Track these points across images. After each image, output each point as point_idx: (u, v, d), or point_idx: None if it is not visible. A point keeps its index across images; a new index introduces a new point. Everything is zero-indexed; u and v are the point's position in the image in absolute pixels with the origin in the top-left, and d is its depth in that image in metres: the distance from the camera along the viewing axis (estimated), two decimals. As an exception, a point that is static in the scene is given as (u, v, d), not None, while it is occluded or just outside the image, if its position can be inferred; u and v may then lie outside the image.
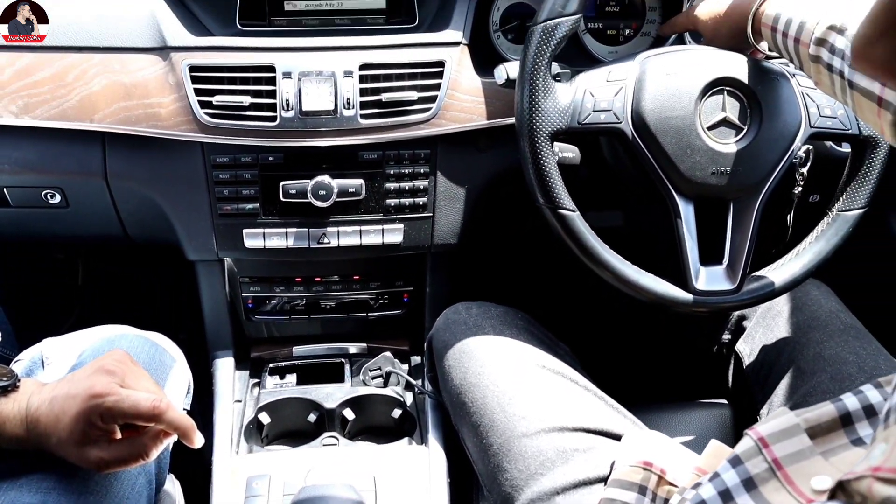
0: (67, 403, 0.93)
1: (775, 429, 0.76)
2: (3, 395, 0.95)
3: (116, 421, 0.94)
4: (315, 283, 1.54)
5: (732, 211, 1.26)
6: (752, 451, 0.77)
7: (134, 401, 0.94)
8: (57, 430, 0.92)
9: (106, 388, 0.93)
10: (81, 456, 0.92)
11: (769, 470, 0.74)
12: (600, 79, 1.25)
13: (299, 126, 1.33)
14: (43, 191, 1.41)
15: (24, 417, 0.94)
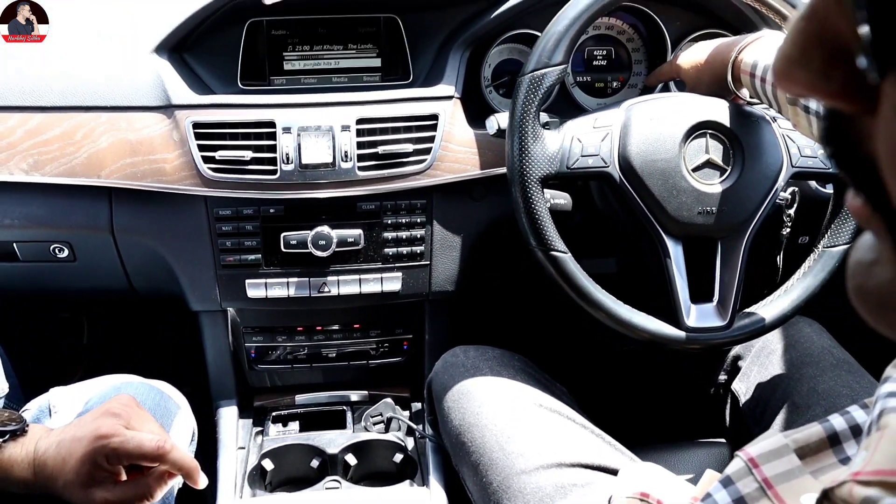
0: (74, 446, 0.95)
1: (765, 449, 0.78)
2: (12, 439, 0.98)
3: (122, 462, 0.96)
4: (316, 332, 1.57)
5: (721, 249, 1.30)
6: (742, 472, 0.78)
7: (139, 441, 0.96)
8: (63, 473, 0.94)
9: (111, 430, 0.95)
10: (87, 497, 0.94)
11: (760, 489, 0.76)
12: (587, 125, 1.29)
13: (299, 178, 1.37)
14: (51, 245, 1.45)
15: (32, 461, 0.96)
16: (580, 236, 1.34)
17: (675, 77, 1.45)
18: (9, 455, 0.96)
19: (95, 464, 0.94)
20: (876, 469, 0.53)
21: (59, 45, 1.42)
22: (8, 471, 0.96)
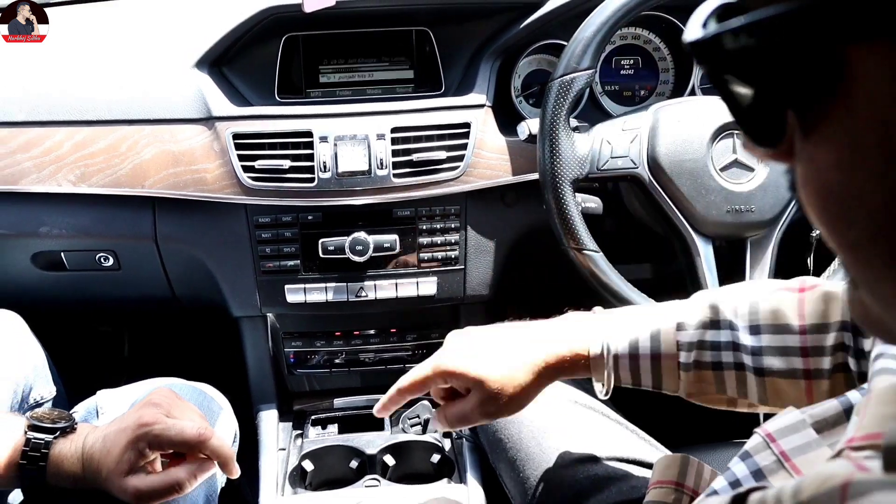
0: (118, 436, 0.98)
1: (782, 425, 0.80)
2: (62, 435, 1.01)
3: (163, 448, 0.99)
4: (354, 337, 1.60)
5: (750, 248, 1.33)
6: (760, 446, 0.80)
7: (180, 428, 0.99)
8: (107, 463, 0.97)
9: (153, 418, 0.98)
10: (121, 486, 0.96)
11: (777, 462, 0.77)
12: (616, 128, 1.33)
13: (336, 186, 1.41)
14: (97, 254, 1.49)
15: (81, 456, 0.99)
16: (613, 242, 1.36)
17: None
18: (59, 450, 0.99)
19: (137, 451, 0.96)
20: (866, 434, 0.53)
21: (103, 60, 1.47)
22: (58, 465, 0.99)
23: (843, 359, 0.87)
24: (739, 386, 0.95)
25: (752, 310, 0.93)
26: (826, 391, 0.89)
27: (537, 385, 1.04)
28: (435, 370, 1.05)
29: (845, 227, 0.40)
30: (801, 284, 0.92)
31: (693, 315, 0.97)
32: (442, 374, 1.05)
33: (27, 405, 1.35)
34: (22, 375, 1.33)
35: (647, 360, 0.98)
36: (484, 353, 1.04)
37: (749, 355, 0.92)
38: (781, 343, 0.90)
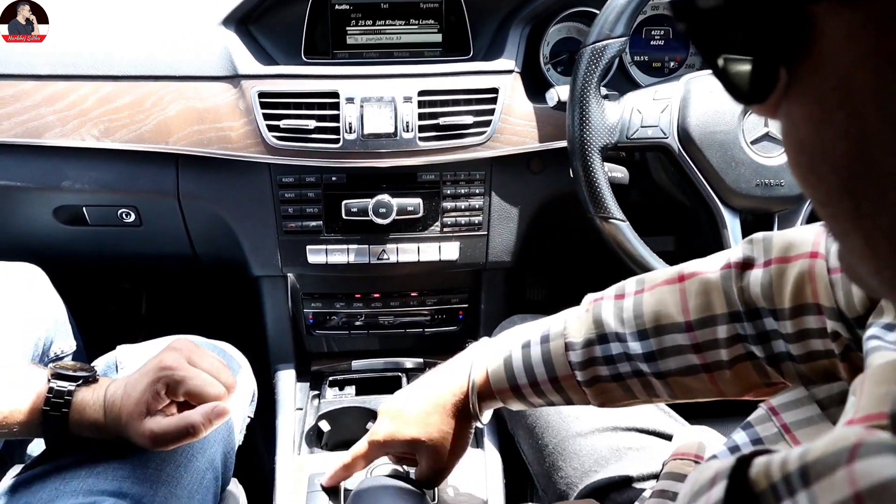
0: (139, 381, 0.98)
1: (786, 400, 0.80)
2: (85, 384, 1.01)
3: (178, 396, 0.98)
4: (374, 300, 1.60)
5: (777, 223, 1.32)
6: (762, 418, 0.80)
7: (202, 383, 0.99)
8: (127, 406, 0.97)
9: (175, 363, 0.99)
10: (138, 430, 0.97)
11: (778, 434, 0.77)
12: (647, 97, 1.31)
13: (361, 148, 1.40)
14: (119, 209, 1.49)
15: (103, 403, 1.00)
16: (638, 213, 1.35)
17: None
18: (81, 398, 1.00)
19: (155, 392, 0.96)
20: (864, 415, 0.52)
21: (129, 16, 1.46)
22: (81, 413, 0.99)
23: (744, 349, 0.85)
24: (646, 390, 0.94)
25: (636, 313, 0.91)
26: (730, 379, 0.87)
27: (462, 426, 1.05)
28: (370, 445, 1.09)
29: (816, 181, 0.42)
30: (679, 272, 0.90)
31: (578, 332, 0.95)
32: (378, 446, 1.09)
33: (47, 358, 1.36)
34: (43, 329, 1.33)
35: (548, 384, 0.97)
36: (409, 414, 1.06)
37: (644, 362, 0.90)
38: (672, 343, 0.88)
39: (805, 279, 0.78)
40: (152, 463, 1.04)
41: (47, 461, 1.04)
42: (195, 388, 0.99)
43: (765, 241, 0.84)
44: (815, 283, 0.78)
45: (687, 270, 0.90)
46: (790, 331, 0.80)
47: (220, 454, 1.16)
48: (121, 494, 1.00)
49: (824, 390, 0.79)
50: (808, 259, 0.79)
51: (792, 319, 0.79)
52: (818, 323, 0.78)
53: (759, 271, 0.82)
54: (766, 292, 0.81)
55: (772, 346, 0.83)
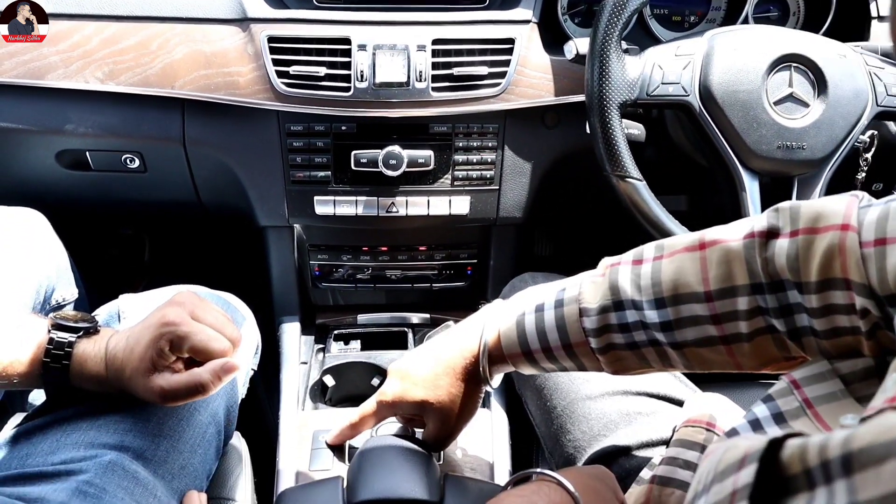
0: (142, 335, 0.96)
1: (808, 373, 0.77)
2: (86, 336, 0.99)
3: (183, 351, 0.96)
4: (381, 253, 1.57)
5: (797, 187, 1.28)
6: (784, 391, 0.78)
7: (206, 338, 0.96)
8: (131, 361, 0.95)
9: (177, 318, 0.96)
10: (146, 386, 0.95)
11: (800, 408, 0.75)
12: (669, 53, 1.27)
13: (372, 97, 1.36)
14: (123, 155, 1.46)
15: (104, 356, 0.98)
16: (652, 170, 1.32)
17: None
18: (82, 350, 0.98)
19: (158, 349, 0.94)
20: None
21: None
22: (82, 365, 0.97)
23: (765, 322, 0.82)
24: (661, 360, 0.91)
25: (654, 281, 0.88)
26: (748, 352, 0.85)
27: (472, 389, 1.04)
28: (378, 405, 1.09)
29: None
30: (700, 239, 0.86)
31: (594, 297, 0.92)
32: (386, 406, 1.08)
33: (49, 307, 1.34)
34: (45, 276, 1.31)
35: (561, 350, 0.95)
36: (418, 376, 1.05)
37: (660, 332, 0.88)
38: (690, 313, 0.85)
39: (834, 252, 0.75)
40: (154, 416, 1.03)
41: (48, 412, 1.02)
42: (199, 344, 0.96)
43: (791, 210, 0.81)
44: (845, 256, 0.74)
45: (708, 238, 0.86)
46: (815, 305, 0.77)
47: (222, 408, 1.15)
48: (122, 448, 0.98)
49: (848, 365, 0.77)
50: (839, 231, 0.75)
51: (818, 294, 0.76)
52: (845, 299, 0.75)
53: (784, 241, 0.79)
54: (792, 264, 0.78)
55: (794, 320, 0.81)
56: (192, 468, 1.06)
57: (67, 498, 0.91)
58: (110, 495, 0.94)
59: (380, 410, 1.10)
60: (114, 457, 0.96)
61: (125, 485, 0.96)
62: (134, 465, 0.98)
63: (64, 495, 0.91)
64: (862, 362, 0.76)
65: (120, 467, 0.96)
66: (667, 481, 0.98)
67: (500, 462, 1.23)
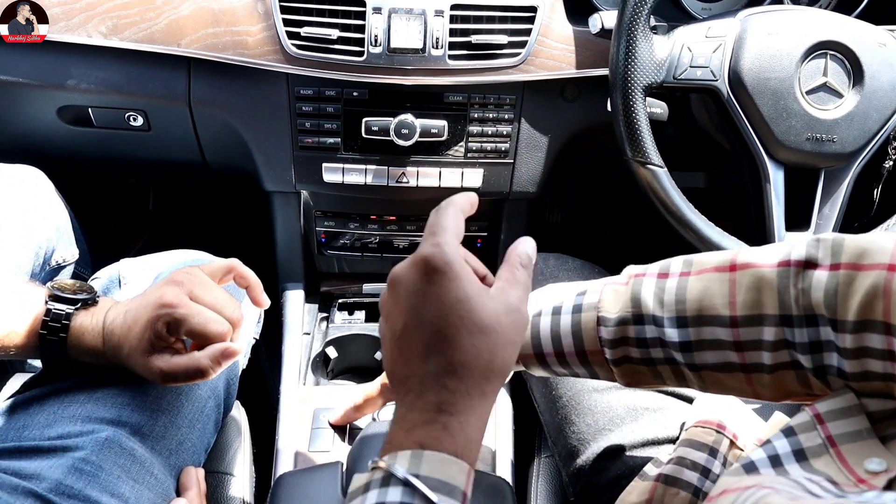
0: (139, 312, 0.94)
1: (834, 407, 0.74)
2: (84, 308, 0.97)
3: (180, 333, 0.95)
4: (389, 222, 1.54)
5: (823, 179, 1.24)
6: (807, 425, 0.74)
7: (204, 320, 0.94)
8: (129, 339, 0.94)
9: (175, 299, 0.94)
10: (146, 366, 0.94)
11: (822, 445, 0.72)
12: (699, 34, 1.21)
13: (386, 63, 1.31)
14: (126, 113, 1.41)
15: (101, 330, 0.96)
16: (672, 147, 1.27)
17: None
18: (80, 323, 0.96)
19: (156, 331, 0.93)
20: None
21: None
22: (79, 338, 0.96)
23: (789, 356, 0.78)
24: (677, 378, 0.88)
25: (678, 298, 0.83)
26: (769, 384, 0.81)
27: None
28: (383, 388, 1.11)
29: None
30: (732, 261, 0.82)
31: (614, 306, 0.88)
32: (390, 390, 1.07)
33: (49, 267, 1.31)
34: (44, 237, 1.28)
35: (574, 357, 0.91)
36: None
37: (678, 351, 0.84)
38: (711, 336, 0.81)
39: (878, 293, 0.70)
40: (153, 390, 1.02)
41: (46, 383, 1.01)
42: (197, 327, 0.94)
43: (834, 242, 0.76)
44: (889, 299, 0.70)
45: (740, 260, 0.82)
46: (849, 346, 0.73)
47: (222, 381, 1.13)
48: (120, 423, 0.97)
49: (877, 403, 0.73)
50: (885, 271, 0.70)
51: (853, 334, 0.72)
52: (883, 343, 0.71)
53: (823, 274, 0.75)
54: (830, 300, 0.73)
55: (822, 358, 0.77)
56: (189, 443, 1.06)
57: (63, 475, 0.90)
58: (106, 473, 0.93)
59: (384, 393, 1.09)
60: (110, 433, 0.95)
61: (121, 462, 0.95)
62: (131, 441, 0.97)
63: (59, 472, 0.90)
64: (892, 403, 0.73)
65: (117, 444, 0.95)
66: (673, 481, 0.96)
67: (503, 450, 1.22)
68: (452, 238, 0.72)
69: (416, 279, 0.69)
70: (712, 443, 1.00)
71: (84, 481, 0.91)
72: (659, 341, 0.85)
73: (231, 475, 1.17)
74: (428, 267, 0.69)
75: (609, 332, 0.88)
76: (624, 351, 0.88)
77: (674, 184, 1.21)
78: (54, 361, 0.99)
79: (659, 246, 1.65)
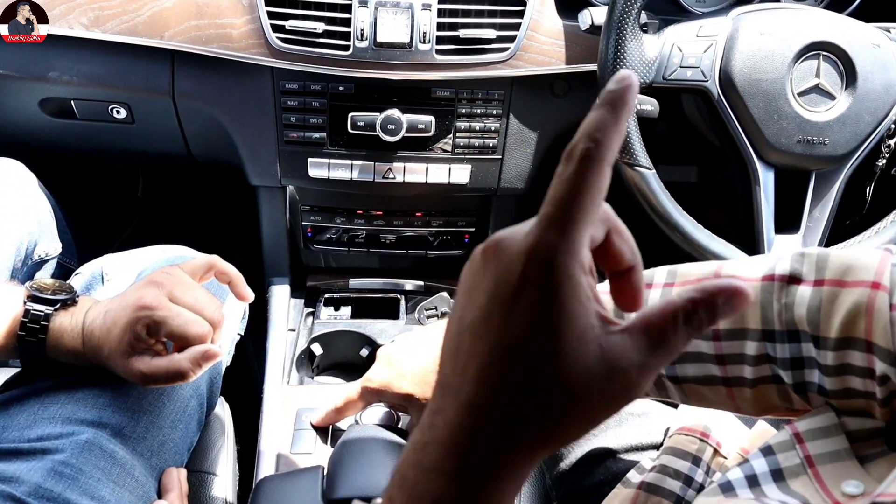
0: (119, 314, 0.93)
1: (813, 426, 0.73)
2: (63, 308, 0.96)
3: (160, 335, 0.94)
4: (376, 217, 1.52)
5: (814, 181, 1.22)
6: (785, 445, 0.73)
7: (184, 322, 0.93)
8: (108, 341, 0.93)
9: (154, 301, 0.93)
10: (126, 368, 0.93)
11: (801, 465, 0.71)
12: (690, 33, 1.19)
13: (372, 57, 1.29)
14: (109, 105, 1.39)
15: (81, 331, 0.95)
16: (662, 142, 1.26)
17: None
18: (59, 324, 0.95)
19: (136, 333, 0.92)
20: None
21: None
22: (59, 340, 0.95)
23: (770, 371, 0.78)
24: (658, 390, 0.87)
25: None
26: (750, 398, 0.80)
27: None
28: (363, 391, 1.08)
29: None
30: (716, 273, 0.81)
31: None
32: (371, 393, 1.06)
33: (31, 262, 1.30)
34: (26, 231, 1.27)
35: None
36: (408, 369, 1.02)
37: None
38: (694, 349, 0.80)
39: (861, 311, 0.69)
40: (134, 391, 1.01)
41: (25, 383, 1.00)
42: (177, 330, 0.93)
43: (819, 257, 0.74)
44: (871, 317, 0.68)
45: (724, 272, 0.81)
46: (830, 363, 0.72)
47: (205, 380, 1.13)
48: (100, 425, 0.96)
49: (857, 422, 0.72)
50: (868, 289, 0.69)
51: (835, 351, 0.71)
52: (864, 361, 0.70)
53: (806, 290, 0.73)
54: (813, 316, 0.72)
55: (803, 374, 0.76)
56: (171, 444, 1.05)
57: (42, 479, 0.90)
58: (87, 476, 0.93)
59: (364, 396, 1.08)
60: (91, 435, 0.95)
61: (102, 465, 0.94)
62: (111, 443, 0.96)
63: (39, 476, 0.90)
64: (871, 422, 0.72)
65: (97, 447, 0.94)
66: (655, 489, 0.95)
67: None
68: (584, 231, 0.48)
69: (516, 268, 0.47)
70: (696, 451, 0.99)
71: (63, 484, 0.90)
72: None
73: (214, 475, 1.16)
74: (536, 261, 0.47)
75: None
76: None
77: (662, 186, 1.20)
78: (33, 362, 0.98)
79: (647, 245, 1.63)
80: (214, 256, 1.06)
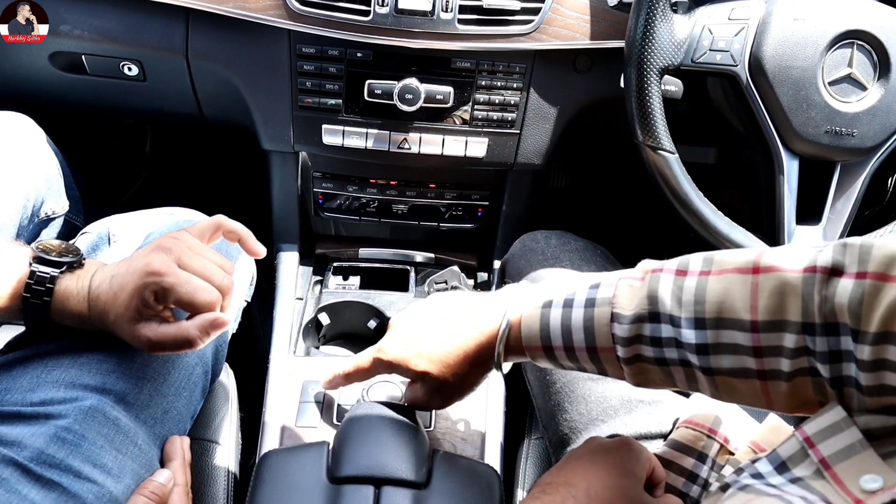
0: (126, 279, 0.91)
1: (822, 425, 0.71)
2: (69, 270, 0.94)
3: (168, 302, 0.92)
4: (389, 187, 1.49)
5: (838, 173, 1.20)
6: (798, 456, 0.72)
7: (192, 289, 0.92)
8: (115, 306, 0.91)
9: (163, 267, 0.91)
10: (133, 334, 0.92)
11: (817, 472, 0.69)
12: (722, 15, 1.16)
13: (393, 24, 1.26)
14: (121, 62, 1.36)
15: (87, 295, 0.93)
16: (683, 123, 1.23)
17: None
18: (65, 287, 0.93)
19: (143, 299, 0.90)
20: None
21: None
22: (64, 303, 0.93)
23: (809, 363, 0.75)
24: (689, 381, 0.85)
25: (697, 298, 0.80)
26: (785, 392, 0.78)
27: (479, 372, 1.00)
28: (375, 362, 1.05)
29: None
30: (755, 262, 0.79)
31: (629, 302, 0.85)
32: (383, 366, 1.04)
33: (38, 219, 1.28)
34: (33, 188, 1.24)
35: (584, 353, 0.89)
36: (427, 349, 1.00)
37: (693, 353, 0.81)
38: (730, 340, 0.78)
39: None
40: (138, 357, 1.00)
41: (29, 345, 0.98)
42: (185, 296, 0.92)
43: (862, 248, 0.71)
44: None
45: (764, 262, 0.78)
46: (866, 357, 0.69)
47: (211, 347, 1.12)
48: (104, 391, 0.95)
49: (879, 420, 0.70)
50: None
51: (873, 346, 0.69)
52: None
53: (848, 282, 0.70)
54: (854, 308, 0.69)
55: (841, 368, 0.73)
56: (175, 412, 1.04)
57: (45, 444, 0.89)
58: (89, 442, 0.91)
59: (375, 367, 1.06)
60: (94, 402, 0.93)
61: (105, 432, 0.93)
62: (115, 410, 0.95)
63: (41, 441, 0.89)
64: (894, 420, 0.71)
65: (101, 413, 0.93)
66: (657, 483, 0.95)
67: (493, 433, 1.19)
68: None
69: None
70: (702, 447, 0.98)
71: (66, 451, 0.89)
72: (674, 342, 0.82)
73: (217, 443, 1.16)
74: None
75: (623, 329, 0.85)
76: (637, 349, 0.85)
77: (684, 171, 1.17)
78: (37, 325, 0.97)
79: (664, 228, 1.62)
80: (221, 216, 1.04)
